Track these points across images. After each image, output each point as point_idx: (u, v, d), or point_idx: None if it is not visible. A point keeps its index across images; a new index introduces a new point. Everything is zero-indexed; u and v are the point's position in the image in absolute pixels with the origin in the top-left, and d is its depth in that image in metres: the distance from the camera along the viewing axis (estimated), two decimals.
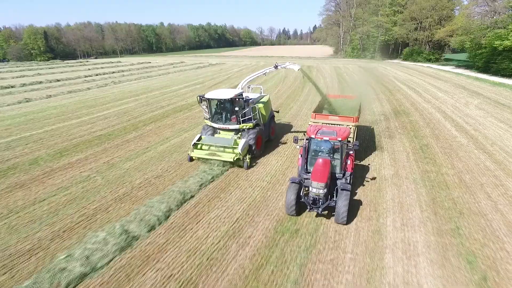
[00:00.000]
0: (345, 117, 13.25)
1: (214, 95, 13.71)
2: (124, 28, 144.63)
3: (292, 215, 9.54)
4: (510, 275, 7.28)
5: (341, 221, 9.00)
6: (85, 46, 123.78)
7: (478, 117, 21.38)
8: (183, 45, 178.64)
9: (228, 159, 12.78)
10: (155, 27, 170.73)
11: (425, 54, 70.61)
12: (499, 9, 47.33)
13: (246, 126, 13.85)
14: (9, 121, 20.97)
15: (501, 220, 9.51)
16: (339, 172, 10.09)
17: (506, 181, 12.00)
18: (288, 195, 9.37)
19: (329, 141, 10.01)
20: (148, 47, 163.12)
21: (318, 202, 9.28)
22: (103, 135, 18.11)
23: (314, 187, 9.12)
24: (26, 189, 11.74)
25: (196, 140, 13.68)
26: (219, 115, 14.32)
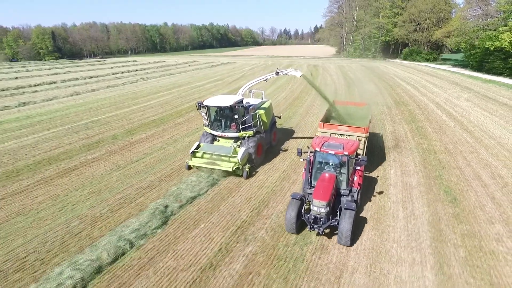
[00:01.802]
0: (355, 128, 12.67)
1: (213, 102, 13.33)
2: (129, 28, 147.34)
3: (292, 233, 9.11)
4: (471, 199, 11.27)
5: (344, 243, 8.50)
6: (91, 46, 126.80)
7: (466, 107, 25.38)
8: (186, 45, 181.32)
9: (227, 168, 12.40)
10: (159, 27, 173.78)
11: (423, 54, 74.64)
12: (492, 13, 51.26)
13: (246, 134, 13.47)
14: (74, 109, 25.00)
15: (471, 171, 13.50)
16: (345, 188, 9.55)
17: (480, 150, 16.00)
18: (288, 212, 8.89)
19: (335, 155, 9.46)
20: (153, 46, 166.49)
21: (320, 221, 8.79)
22: (156, 120, 22.10)
23: (315, 206, 8.65)
24: (120, 154, 15.75)
25: (194, 148, 13.25)
26: (218, 122, 14.04)
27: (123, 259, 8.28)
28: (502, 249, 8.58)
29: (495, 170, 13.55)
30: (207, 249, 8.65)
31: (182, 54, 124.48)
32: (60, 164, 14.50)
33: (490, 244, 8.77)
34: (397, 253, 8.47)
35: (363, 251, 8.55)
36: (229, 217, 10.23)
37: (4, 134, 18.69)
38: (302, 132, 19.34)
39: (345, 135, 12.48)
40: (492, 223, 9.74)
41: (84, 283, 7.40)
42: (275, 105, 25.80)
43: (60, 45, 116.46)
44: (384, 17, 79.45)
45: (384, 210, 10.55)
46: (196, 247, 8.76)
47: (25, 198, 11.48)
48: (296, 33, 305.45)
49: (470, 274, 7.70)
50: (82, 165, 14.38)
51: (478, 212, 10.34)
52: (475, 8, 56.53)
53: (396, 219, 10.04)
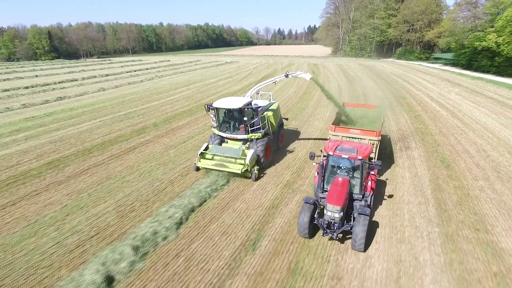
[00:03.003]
0: (367, 131, 12.65)
1: (222, 104, 13.34)
2: (125, 28, 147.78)
3: (305, 237, 9.00)
4: (460, 165, 14.37)
5: (358, 249, 8.42)
6: (88, 46, 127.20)
7: (456, 100, 28.71)
8: (182, 45, 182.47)
9: (236, 170, 12.34)
10: (155, 27, 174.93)
11: (416, 54, 78.51)
12: (479, 15, 55.07)
13: (255, 136, 13.42)
14: (108, 102, 27.68)
15: (461, 147, 16.65)
16: (358, 192, 9.43)
17: (468, 132, 19.20)
18: (301, 216, 8.80)
19: (349, 159, 9.40)
20: (149, 46, 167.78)
21: (333, 226, 8.69)
22: (186, 111, 24.90)
23: (329, 210, 8.52)
24: (167, 137, 18.55)
25: (203, 149, 13.30)
26: (227, 124, 14.09)
27: (207, 203, 11.18)
28: (483, 195, 11.68)
29: (480, 146, 16.74)
30: (266, 198, 11.59)
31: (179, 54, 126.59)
32: (121, 144, 17.27)
33: (474, 192, 11.86)
34: (407, 198, 11.52)
35: (381, 195, 11.58)
36: (276, 178, 13.18)
37: (60, 123, 21.35)
38: (317, 121, 22.34)
39: (357, 138, 12.51)
40: (476, 180, 12.86)
41: (186, 216, 10.27)
42: (286, 100, 28.80)
43: (57, 45, 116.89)
44: (379, 18, 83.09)
45: (395, 173, 13.60)
46: (257, 196, 11.69)
47: (106, 168, 14.25)
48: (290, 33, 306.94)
49: (460, 209, 10.77)
50: (140, 145, 17.17)
51: (466, 173, 13.47)
52: (464, 10, 60.41)
53: (404, 178, 13.11)
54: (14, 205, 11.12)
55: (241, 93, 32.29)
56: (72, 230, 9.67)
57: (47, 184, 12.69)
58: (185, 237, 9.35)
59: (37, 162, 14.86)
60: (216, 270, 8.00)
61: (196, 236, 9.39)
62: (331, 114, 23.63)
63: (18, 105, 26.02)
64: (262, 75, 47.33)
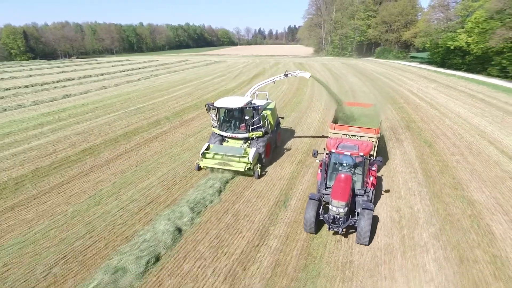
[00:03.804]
0: (366, 129, 13.03)
1: (224, 103, 13.55)
2: (105, 28, 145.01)
3: (311, 233, 9.28)
4: (440, 145, 17.17)
5: (363, 242, 8.71)
6: (66, 46, 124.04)
7: (434, 94, 32.01)
8: (163, 45, 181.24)
9: (239, 168, 12.58)
10: (135, 27, 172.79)
11: (394, 53, 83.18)
12: (451, 17, 59.62)
13: (256, 134, 13.71)
14: (115, 99, 29.05)
15: (440, 131, 19.51)
16: (360, 188, 9.71)
17: (445, 120, 22.18)
18: (307, 212, 9.05)
19: (351, 156, 9.71)
20: (129, 47, 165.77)
21: (338, 221, 8.93)
22: (191, 106, 26.75)
23: (334, 206, 8.77)
24: (182, 128, 20.44)
25: (204, 149, 13.38)
26: (227, 123, 14.24)
27: (237, 177, 13.27)
28: (459, 165, 14.41)
29: (455, 130, 19.69)
30: (285, 171, 13.84)
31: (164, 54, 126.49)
32: (143, 134, 19.02)
33: (452, 164, 14.59)
34: (400, 169, 14.08)
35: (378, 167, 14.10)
36: (290, 157, 15.46)
37: (76, 117, 22.72)
38: (314, 112, 24.77)
39: (356, 136, 12.86)
40: (453, 155, 15.64)
41: (223, 186, 12.33)
42: (282, 96, 31.13)
43: (33, 45, 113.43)
44: (359, 19, 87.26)
45: (387, 152, 16.18)
46: (278, 171, 13.92)
47: (138, 154, 16.03)
48: (270, 33, 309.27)
49: (442, 175, 13.42)
50: (160, 135, 18.99)
51: (445, 150, 16.24)
52: (437, 12, 65.00)
53: (395, 155, 15.70)
54: (69, 183, 12.81)
55: (237, 90, 34.40)
56: (129, 199, 11.54)
57: (90, 167, 14.38)
58: (227, 200, 11.44)
59: (72, 150, 16.43)
60: (260, 221, 10.16)
61: (236, 199, 11.51)
62: (325, 106, 26.24)
63: (29, 102, 26.97)
64: (253, 74, 49.55)
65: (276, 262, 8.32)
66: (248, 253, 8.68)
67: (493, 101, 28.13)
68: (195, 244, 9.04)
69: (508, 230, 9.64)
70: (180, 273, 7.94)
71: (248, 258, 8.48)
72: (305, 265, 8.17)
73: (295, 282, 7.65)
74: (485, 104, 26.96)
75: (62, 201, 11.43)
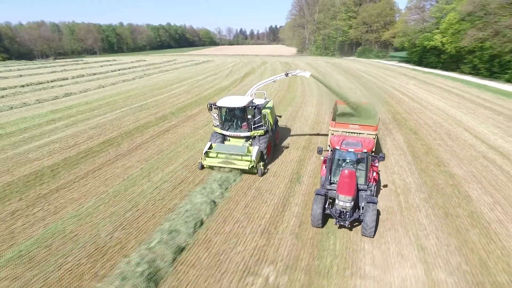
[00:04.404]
0: (365, 126, 13.47)
1: (226, 103, 13.83)
2: (83, 27, 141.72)
3: (318, 227, 9.58)
4: (424, 132, 19.53)
5: (369, 234, 9.04)
6: (43, 46, 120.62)
7: (414, 89, 34.83)
8: (144, 45, 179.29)
9: (243, 167, 12.84)
10: (115, 27, 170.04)
11: (374, 52, 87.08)
12: (427, 18, 63.53)
13: (257, 133, 14.04)
14: (116, 97, 30.01)
15: (422, 121, 21.94)
16: (364, 183, 9.94)
17: (425, 111, 24.72)
18: (314, 208, 9.34)
19: (354, 153, 9.99)
20: (109, 47, 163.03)
21: (345, 215, 9.24)
22: (192, 102, 28.17)
23: (341, 200, 9.05)
24: (190, 122, 21.89)
25: (207, 148, 13.65)
26: (229, 123, 14.40)
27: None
28: (441, 148, 16.72)
29: (435, 120, 22.19)
30: (294, 156, 15.70)
31: (150, 54, 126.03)
32: (154, 128, 20.38)
33: (435, 147, 16.89)
34: (391, 151, 16.23)
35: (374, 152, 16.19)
36: (296, 143, 17.34)
37: (85, 114, 23.70)
38: (308, 107, 26.77)
39: (356, 133, 13.28)
40: (435, 140, 17.99)
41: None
42: (275, 93, 32.99)
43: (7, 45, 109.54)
44: (341, 20, 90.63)
45: (378, 138, 18.32)
46: (287, 155, 15.75)
47: (155, 144, 17.42)
48: (252, 33, 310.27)
49: (427, 156, 15.65)
50: (171, 128, 20.41)
51: (428, 136, 18.59)
52: (414, 14, 68.95)
53: (386, 141, 17.88)
54: (100, 170, 14.14)
55: (232, 88, 36.02)
56: (161, 180, 13.04)
57: (114, 156, 15.71)
58: (248, 179, 13.15)
59: (92, 142, 17.64)
60: (280, 194, 11.95)
61: (255, 178, 13.23)
62: (318, 101, 28.34)
63: (33, 101, 27.54)
64: (244, 72, 51.25)
65: (300, 221, 10.13)
66: (275, 216, 10.45)
67: (467, 95, 31.15)
68: (230, 212, 10.71)
69: (482, 194, 11.88)
70: (223, 232, 9.61)
71: (277, 220, 10.25)
72: (324, 222, 10.01)
73: (318, 234, 9.48)
74: (459, 98, 29.88)
75: (100, 183, 12.79)
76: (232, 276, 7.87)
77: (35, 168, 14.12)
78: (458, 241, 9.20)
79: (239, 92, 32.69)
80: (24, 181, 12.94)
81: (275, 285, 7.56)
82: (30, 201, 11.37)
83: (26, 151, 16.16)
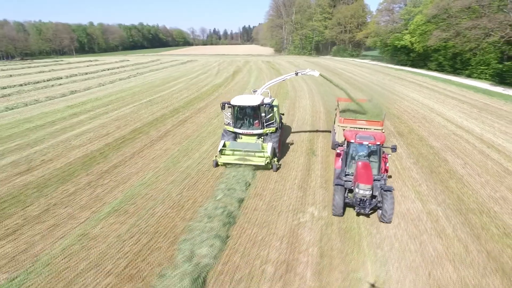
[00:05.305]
0: (372, 122, 14.25)
1: (241, 101, 14.31)
2: (51, 27, 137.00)
3: (339, 215, 10.12)
4: (405, 117, 23.25)
5: (388, 220, 9.59)
6: (8, 46, 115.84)
7: (390, 84, 39.10)
8: (116, 45, 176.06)
9: (259, 163, 13.31)
10: (85, 26, 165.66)
11: (349, 51, 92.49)
12: (396, 19, 69.10)
13: (269, 130, 14.59)
14: (121, 94, 31.62)
15: (402, 109, 25.73)
16: (377, 174, 10.47)
17: (404, 102, 28.66)
18: (336, 197, 9.84)
19: (369, 145, 10.54)
20: (80, 47, 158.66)
21: (364, 203, 9.73)
22: (195, 97, 30.46)
23: (361, 189, 9.51)
24: (202, 113, 24.29)
25: (221, 146, 13.94)
26: (241, 121, 14.85)
27: None
28: (420, 128, 20.37)
29: (413, 108, 26.08)
30: (304, 136, 18.68)
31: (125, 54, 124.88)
32: (172, 119, 22.61)
33: (416, 127, 20.54)
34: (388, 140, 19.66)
35: None
36: (298, 136, 20.34)
37: (101, 108, 25.40)
38: (303, 100, 29.92)
39: (363, 128, 13.86)
40: (415, 122, 21.69)
41: None
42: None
43: None
44: (317, 21, 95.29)
45: None
46: (298, 136, 18.71)
47: (179, 132, 19.75)
48: (225, 33, 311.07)
49: (410, 134, 19.21)
50: (187, 119, 22.76)
51: (409, 120, 22.28)
52: (384, 15, 74.54)
53: None
54: (142, 152, 16.36)
55: (227, 85, 38.54)
56: (200, 157, 15.50)
57: (149, 141, 17.93)
58: None
59: (122, 131, 19.67)
60: (302, 163, 14.84)
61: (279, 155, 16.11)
62: (309, 94, 31.61)
63: (44, 98, 28.66)
64: (232, 71, 53.80)
65: (325, 180, 13.11)
66: (304, 177, 13.36)
67: (435, 88, 35.73)
68: (267, 176, 13.47)
69: (455, 158, 15.46)
70: (268, 189, 12.37)
71: (306, 179, 13.16)
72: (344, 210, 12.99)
73: None
74: (429, 91, 34.33)
75: (149, 162, 15.07)
76: (287, 214, 10.67)
77: (84, 152, 16.11)
78: (441, 187, 12.57)
79: (235, 89, 35.36)
80: (81, 161, 14.97)
81: (320, 217, 10.45)
82: (97, 175, 13.52)
83: (66, 140, 17.98)
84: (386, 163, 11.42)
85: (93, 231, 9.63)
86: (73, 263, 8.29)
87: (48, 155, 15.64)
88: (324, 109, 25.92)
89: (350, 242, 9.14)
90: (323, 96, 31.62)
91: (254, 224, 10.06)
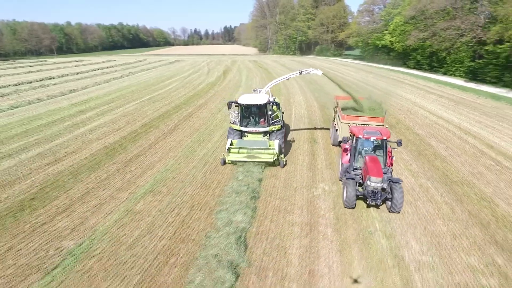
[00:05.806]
0: (373, 118, 14.73)
1: (248, 100, 14.62)
2: (26, 27, 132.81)
3: (352, 208, 10.58)
4: (392, 110, 25.55)
5: (398, 210, 10.18)
6: None
7: (373, 81, 41.68)
8: (95, 45, 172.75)
9: (268, 159, 13.64)
10: (62, 26, 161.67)
11: (331, 51, 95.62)
12: (376, 20, 72.47)
13: (275, 128, 14.96)
14: (120, 92, 32.37)
15: (390, 105, 28.10)
16: (383, 167, 10.81)
17: (388, 96, 31.10)
18: (348, 191, 10.24)
19: (375, 140, 10.93)
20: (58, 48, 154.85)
21: (376, 194, 10.15)
22: (193, 95, 31.72)
23: (373, 182, 9.97)
24: (203, 109, 25.67)
25: (229, 144, 14.20)
26: (247, 119, 15.20)
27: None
28: (406, 119, 22.65)
29: (398, 102, 28.48)
30: (306, 133, 20.49)
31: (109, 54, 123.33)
32: (177, 114, 23.87)
33: (402, 118, 22.79)
34: None
35: None
36: (298, 125, 22.14)
37: (105, 106, 26.24)
38: (296, 96, 31.78)
39: (365, 124, 14.16)
40: (401, 114, 23.97)
41: None
42: (260, 87, 37.66)
43: None
44: (300, 21, 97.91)
45: None
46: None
47: (187, 125, 21.08)
48: (206, 33, 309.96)
49: (397, 124, 21.40)
50: (191, 114, 24.10)
51: (395, 112, 24.54)
52: (365, 16, 77.91)
53: None
54: (158, 143, 17.63)
55: (220, 83, 39.91)
56: (213, 147, 16.95)
57: (162, 134, 19.19)
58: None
59: (133, 126, 20.79)
60: (307, 150, 16.60)
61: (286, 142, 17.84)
62: (301, 90, 33.51)
63: (45, 96, 29.06)
64: (222, 70, 55.15)
65: (329, 163, 14.92)
66: (311, 160, 15.12)
67: (416, 85, 38.56)
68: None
69: (438, 143, 17.69)
70: (282, 171, 14.01)
71: (313, 162, 14.92)
72: None
73: None
74: (410, 87, 37.08)
75: (167, 151, 16.39)
76: (302, 189, 12.38)
77: (104, 145, 17.22)
78: (428, 165, 14.67)
79: (229, 86, 36.85)
80: (104, 152, 16.11)
81: (330, 191, 12.22)
82: (123, 164, 14.75)
83: (82, 134, 18.97)
84: (391, 156, 11.82)
85: (135, 207, 10.97)
86: (128, 231, 9.64)
87: (70, 148, 16.66)
88: (317, 104, 27.88)
89: (359, 207, 10.95)
90: (314, 92, 33.57)
91: (276, 198, 11.71)
